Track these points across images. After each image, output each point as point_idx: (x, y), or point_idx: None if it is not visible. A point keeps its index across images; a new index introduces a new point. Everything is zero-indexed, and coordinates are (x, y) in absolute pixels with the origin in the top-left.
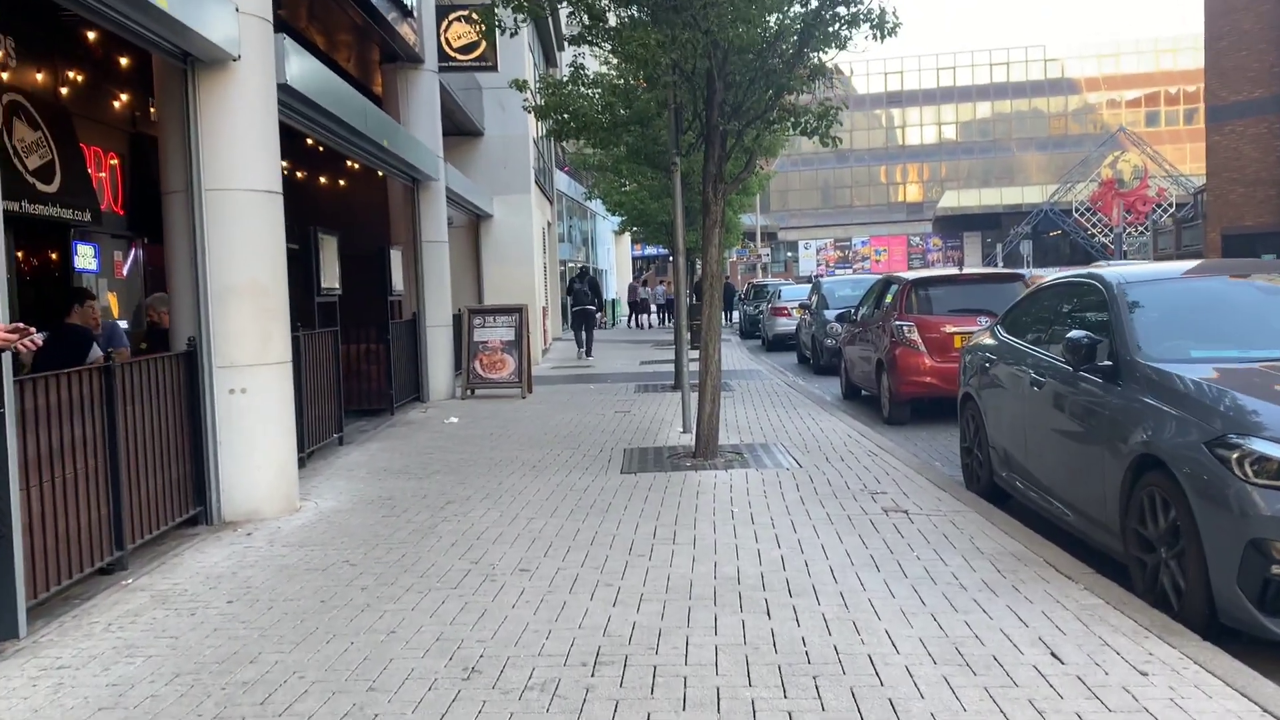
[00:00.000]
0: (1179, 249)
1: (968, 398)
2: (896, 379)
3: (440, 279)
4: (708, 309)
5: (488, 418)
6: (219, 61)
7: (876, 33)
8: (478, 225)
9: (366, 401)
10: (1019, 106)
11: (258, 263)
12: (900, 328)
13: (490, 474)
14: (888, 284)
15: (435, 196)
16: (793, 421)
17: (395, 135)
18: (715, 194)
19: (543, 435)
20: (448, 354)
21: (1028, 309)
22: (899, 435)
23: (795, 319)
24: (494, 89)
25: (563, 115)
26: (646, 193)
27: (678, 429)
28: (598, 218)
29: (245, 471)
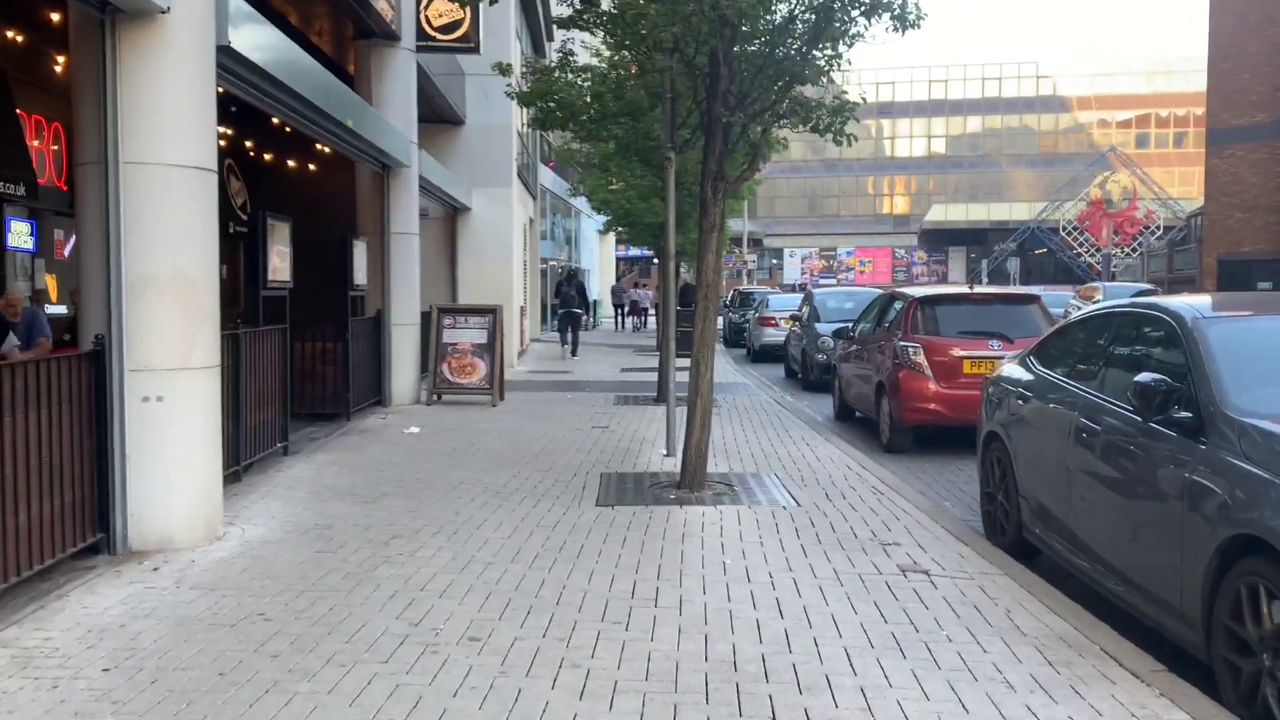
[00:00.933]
0: (1170, 273)
1: (993, 438)
2: (899, 404)
3: (409, 274)
4: (700, 322)
5: (452, 428)
6: (144, 14)
7: (897, 24)
8: (455, 218)
9: (321, 405)
10: (1009, 122)
11: (184, 250)
12: (905, 349)
13: (447, 500)
14: (891, 300)
15: (407, 185)
16: (785, 446)
17: (362, 116)
18: (714, 194)
19: (511, 452)
20: (414, 355)
21: (1069, 340)
22: (901, 466)
23: (784, 330)
24: (477, 75)
25: (548, 103)
26: (635, 192)
27: (661, 451)
28: (582, 215)
29: (158, 493)
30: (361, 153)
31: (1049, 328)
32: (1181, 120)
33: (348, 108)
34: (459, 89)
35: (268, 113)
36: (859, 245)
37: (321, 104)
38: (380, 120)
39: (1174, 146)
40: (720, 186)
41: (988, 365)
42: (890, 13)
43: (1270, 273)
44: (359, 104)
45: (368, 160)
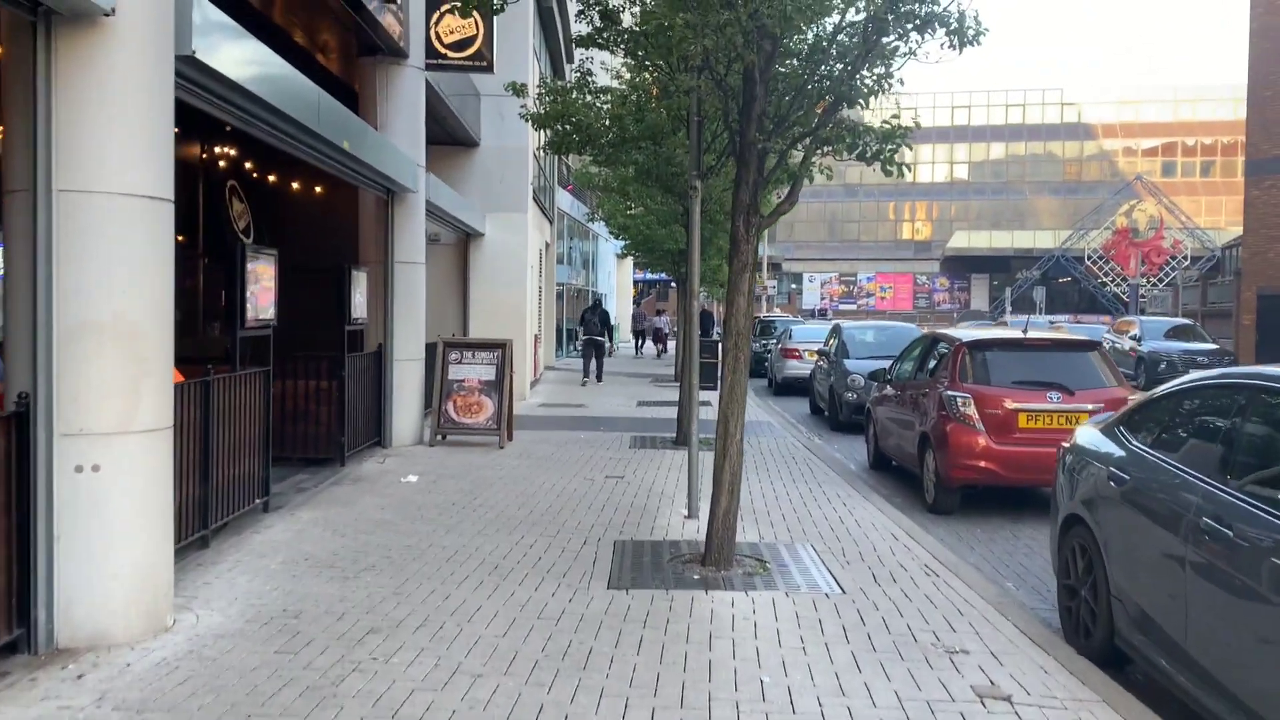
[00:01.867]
0: (1204, 306)
1: (1075, 521)
2: (947, 461)
3: (413, 306)
4: (730, 374)
5: (454, 476)
6: (84, 16)
7: (953, 39)
8: (467, 244)
9: (313, 448)
10: (1033, 149)
11: (129, 293)
12: (953, 400)
13: (438, 577)
14: (934, 343)
15: (412, 211)
16: (818, 504)
17: (361, 137)
18: (747, 229)
19: (515, 509)
20: (417, 393)
21: (1175, 412)
22: (950, 533)
23: (808, 363)
24: (493, 96)
25: (564, 126)
26: (654, 218)
27: (681, 510)
28: (600, 239)
29: (92, 580)
30: (361, 177)
31: (1113, 378)
32: (1209, 149)
33: (343, 128)
34: (473, 110)
35: (246, 131)
36: (879, 271)
37: (311, 124)
38: (383, 143)
39: (1201, 176)
40: (754, 221)
41: (1045, 419)
42: (946, 27)
43: None
44: (357, 125)
45: (369, 185)
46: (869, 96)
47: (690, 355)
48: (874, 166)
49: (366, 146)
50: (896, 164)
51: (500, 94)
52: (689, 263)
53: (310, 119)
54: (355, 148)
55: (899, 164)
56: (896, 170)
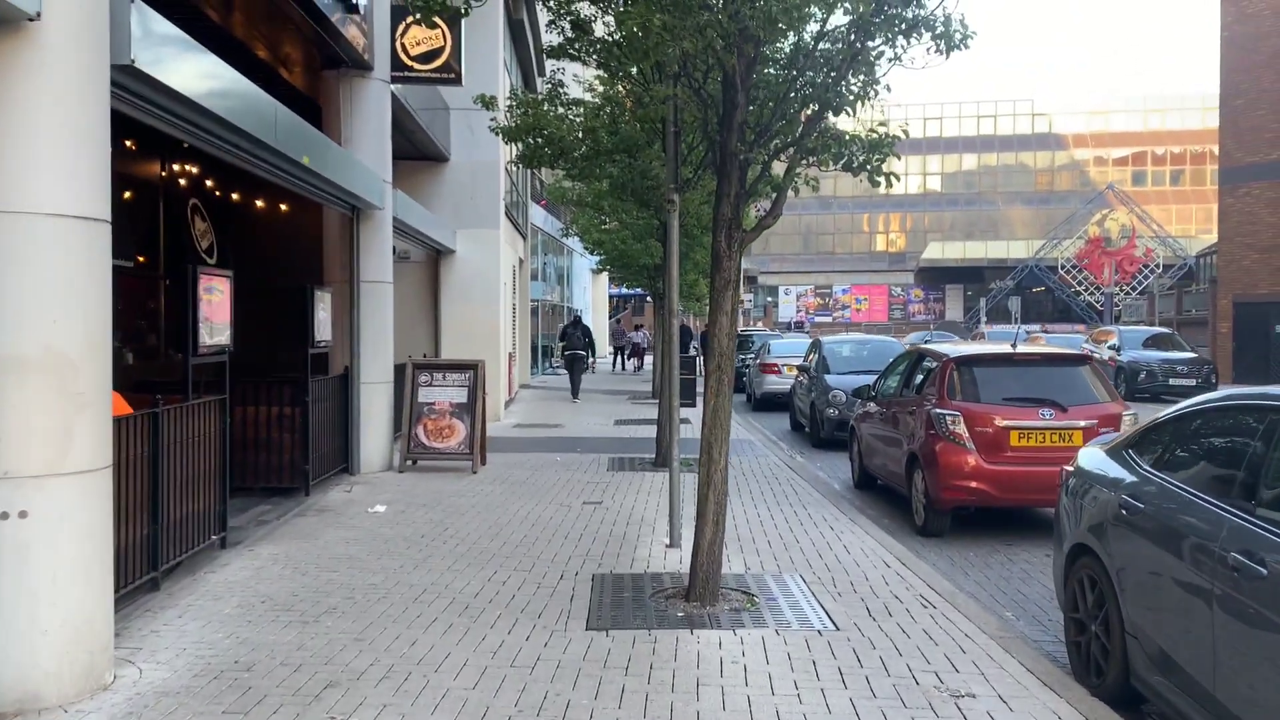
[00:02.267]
0: (1179, 314)
1: (1082, 550)
2: (937, 482)
3: (381, 327)
4: (713, 397)
5: (424, 505)
6: (6, 21)
7: (940, 44)
8: (437, 260)
9: (277, 478)
10: (1005, 160)
11: (60, 323)
12: (942, 418)
13: (404, 620)
14: (920, 359)
15: (378, 228)
16: (805, 529)
17: (322, 152)
18: (729, 245)
19: (488, 541)
20: (386, 417)
21: (1193, 435)
22: (942, 557)
23: (787, 378)
24: (463, 110)
25: (535, 139)
26: (629, 232)
27: (663, 539)
28: (575, 254)
29: (20, 637)
30: (324, 194)
31: (1105, 393)
32: (1178, 158)
33: (302, 143)
34: (443, 124)
35: (201, 148)
36: (855, 283)
37: (266, 138)
38: (346, 158)
39: (1171, 184)
40: (736, 235)
41: (1038, 437)
42: (931, 31)
43: None
44: (317, 139)
45: (333, 202)
46: (854, 104)
47: (670, 375)
48: (859, 178)
49: (328, 162)
50: (885, 174)
51: (470, 108)
52: (667, 279)
53: (266, 133)
54: (316, 163)
55: (887, 174)
56: (885, 181)
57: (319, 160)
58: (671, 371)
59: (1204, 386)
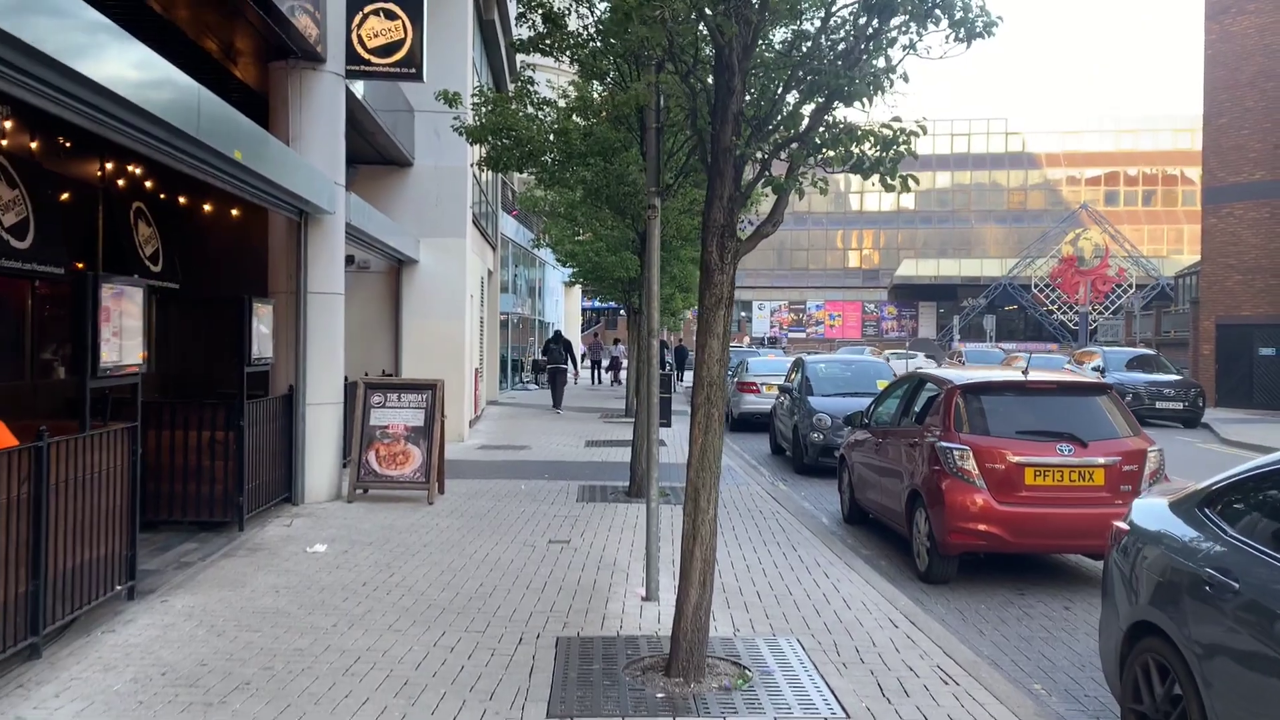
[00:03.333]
0: (1158, 335)
1: (1146, 630)
2: (944, 524)
3: (330, 342)
4: (701, 434)
5: (371, 543)
6: None
7: (957, 31)
8: (399, 271)
9: (207, 510)
10: (979, 178)
11: None
12: (949, 452)
13: (328, 700)
14: (920, 385)
15: (329, 234)
16: (796, 575)
17: (259, 148)
18: (722, 256)
19: (438, 591)
20: (334, 441)
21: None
22: (951, 610)
23: (766, 397)
24: (428, 112)
25: (502, 140)
26: (604, 244)
27: (638, 587)
28: (547, 266)
29: None
30: (265, 195)
31: (1127, 426)
32: (1150, 179)
33: (233, 136)
34: (406, 127)
35: (108, 137)
36: (828, 299)
37: (187, 128)
38: (289, 156)
39: (1143, 205)
40: (730, 245)
41: (1056, 475)
42: (950, 17)
43: (1272, 338)
44: (252, 132)
45: (277, 205)
46: (869, 94)
47: (649, 403)
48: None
49: (267, 159)
50: (901, 177)
51: (436, 109)
52: (646, 294)
53: (186, 122)
54: (251, 159)
55: (904, 176)
56: (901, 185)
57: (254, 156)
58: (651, 399)
59: (1191, 410)
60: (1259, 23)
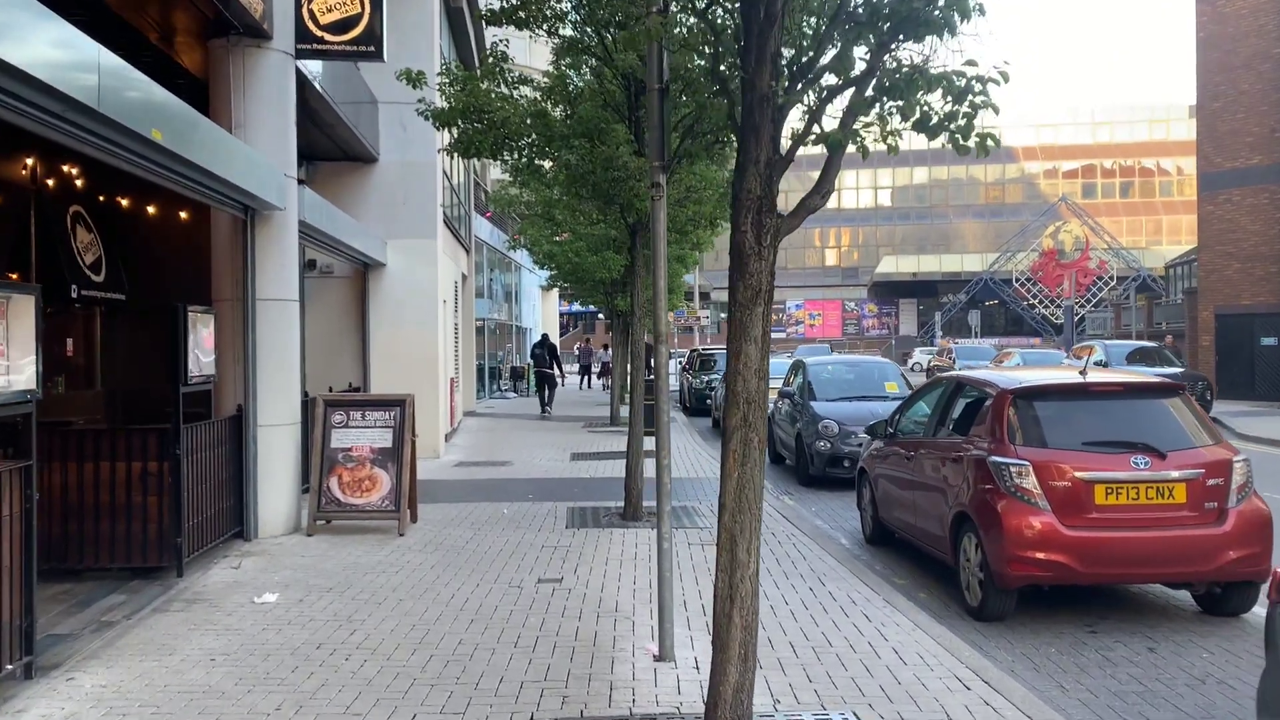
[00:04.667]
0: (1149, 327)
1: None
2: (1002, 552)
3: (283, 356)
4: (736, 467)
5: (331, 589)
6: None
7: None
8: (365, 275)
9: (140, 554)
10: (956, 173)
11: None
12: (1004, 469)
13: None
14: (958, 389)
15: (279, 234)
16: (833, 618)
17: (185, 129)
18: (759, 237)
19: (408, 654)
20: (291, 467)
21: None
22: (1016, 653)
23: None
24: (394, 104)
25: (473, 123)
26: (584, 243)
27: (647, 641)
28: (523, 270)
29: None
30: (197, 186)
31: (1206, 433)
32: (1127, 170)
33: (149, 111)
34: (370, 119)
35: None
36: (808, 298)
37: (85, 99)
38: (226, 141)
39: (1121, 196)
40: (768, 222)
41: (1130, 492)
42: None
43: (1274, 327)
44: (176, 110)
45: (215, 199)
46: (952, 24)
47: (659, 416)
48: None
49: (195, 143)
50: (979, 137)
51: (402, 101)
52: (647, 292)
53: (83, 92)
54: (176, 142)
55: (982, 136)
56: (977, 147)
57: (179, 138)
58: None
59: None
60: (1253, 3)
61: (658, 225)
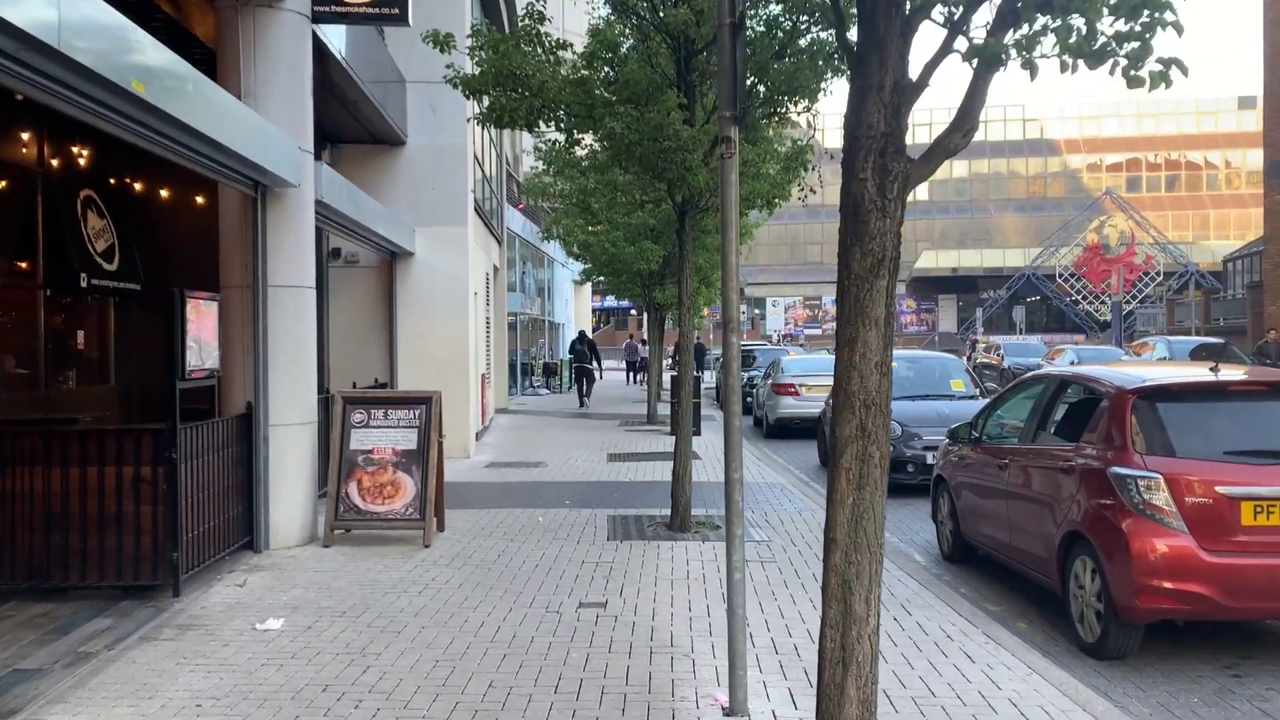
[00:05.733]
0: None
1: None
2: (1130, 582)
3: (298, 348)
4: (852, 491)
5: (344, 613)
6: None
7: None
8: (392, 265)
9: (131, 571)
10: (996, 166)
11: None
12: (1129, 482)
13: None
14: (1061, 387)
15: (294, 213)
16: (927, 655)
17: (174, 84)
18: (883, 187)
19: (426, 701)
20: (307, 470)
21: None
22: (1154, 706)
23: (807, 400)
24: (423, 83)
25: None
26: (620, 234)
27: (713, 689)
28: (556, 264)
29: None
30: (194, 155)
31: None
32: (1173, 164)
33: (126, 56)
34: (397, 99)
35: None
36: None
37: (45, 36)
38: (225, 103)
39: (1166, 190)
40: (896, 168)
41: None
42: None
43: None
44: (161, 60)
45: (217, 171)
46: None
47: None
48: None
49: (186, 100)
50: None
51: (431, 80)
52: (723, 267)
53: (40, 28)
54: (164, 99)
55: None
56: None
57: (168, 95)
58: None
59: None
60: None
61: (729, 189)
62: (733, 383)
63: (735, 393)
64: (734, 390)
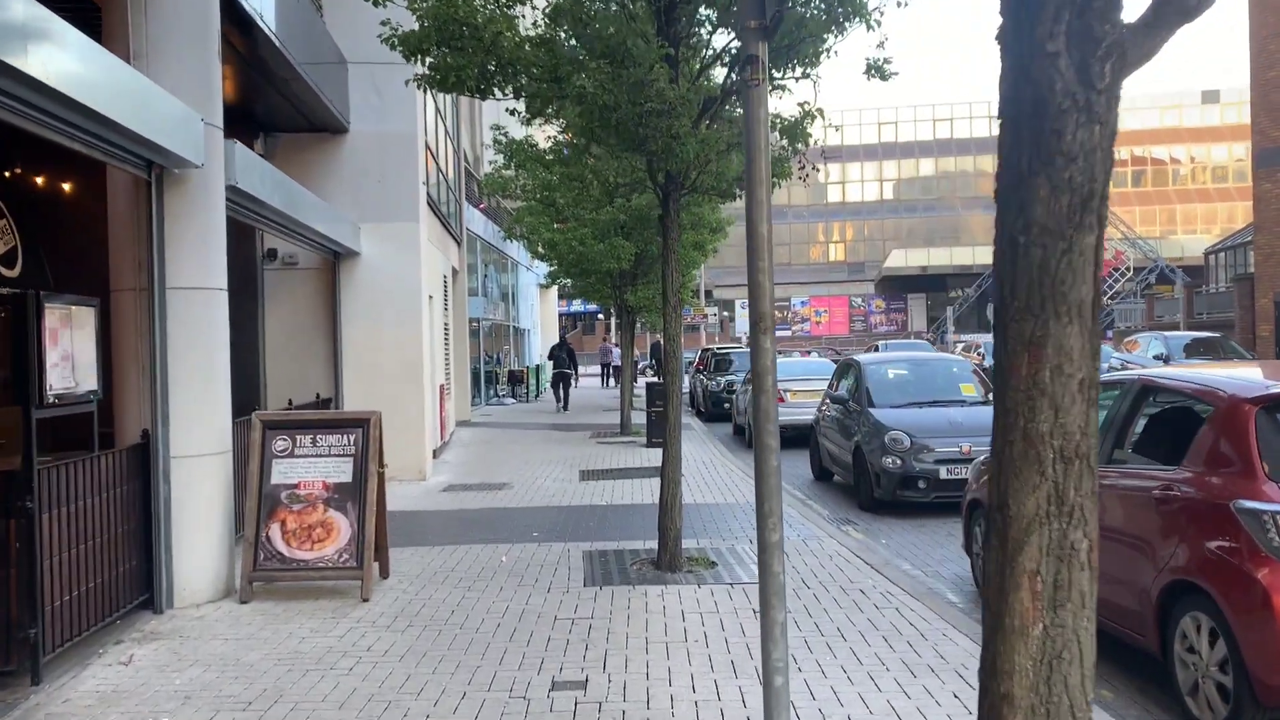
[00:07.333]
0: (1190, 317)
1: None
2: (1269, 650)
3: (207, 363)
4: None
5: (249, 706)
6: None
7: None
8: (335, 267)
9: None
10: (963, 164)
11: None
12: (1264, 519)
13: None
14: (1145, 394)
15: (199, 201)
16: None
17: (11, 27)
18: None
19: None
20: (219, 509)
21: None
22: None
23: (795, 406)
24: (366, 64)
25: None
26: (589, 230)
27: None
28: (520, 267)
29: None
30: (55, 124)
31: None
32: (1139, 159)
33: None
34: (338, 82)
35: None
36: (813, 294)
37: None
38: (94, 55)
39: (1133, 185)
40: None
41: None
42: None
43: None
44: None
45: (93, 145)
46: None
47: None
48: None
49: (32, 50)
50: None
51: (376, 60)
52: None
53: None
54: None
55: None
56: None
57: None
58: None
59: None
60: None
61: (756, 130)
62: (766, 405)
63: (771, 419)
64: (768, 415)
